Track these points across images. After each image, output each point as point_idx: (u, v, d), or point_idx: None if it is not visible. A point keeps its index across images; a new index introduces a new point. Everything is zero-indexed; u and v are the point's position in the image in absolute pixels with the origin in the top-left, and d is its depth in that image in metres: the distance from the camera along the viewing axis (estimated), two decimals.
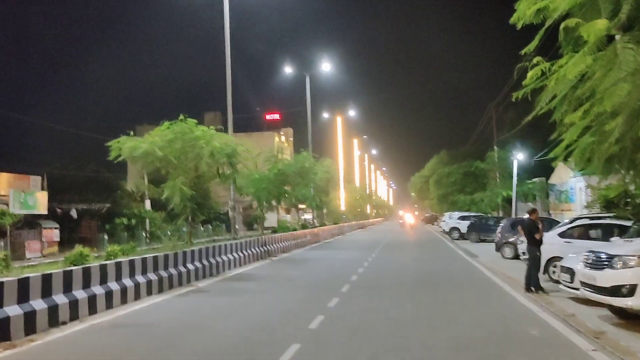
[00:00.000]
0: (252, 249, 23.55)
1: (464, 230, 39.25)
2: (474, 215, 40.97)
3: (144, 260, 13.99)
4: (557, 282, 15.26)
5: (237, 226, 63.21)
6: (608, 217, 20.66)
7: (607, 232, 15.76)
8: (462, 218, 41.61)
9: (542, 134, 44.29)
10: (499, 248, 24.58)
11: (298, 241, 32.84)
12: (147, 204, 46.36)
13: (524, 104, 43.04)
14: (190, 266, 16.64)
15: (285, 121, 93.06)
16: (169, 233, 42.48)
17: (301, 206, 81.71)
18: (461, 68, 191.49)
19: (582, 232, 16.49)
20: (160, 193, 18.71)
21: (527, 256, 21.57)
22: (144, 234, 42.48)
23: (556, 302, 12.27)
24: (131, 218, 43.35)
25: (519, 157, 33.99)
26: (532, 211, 14.70)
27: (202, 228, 56.08)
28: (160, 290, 14.45)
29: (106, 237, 36.40)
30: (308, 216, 76.60)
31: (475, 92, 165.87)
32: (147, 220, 45.24)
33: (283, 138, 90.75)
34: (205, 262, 17.87)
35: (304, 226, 44.65)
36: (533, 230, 14.19)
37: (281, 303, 13.04)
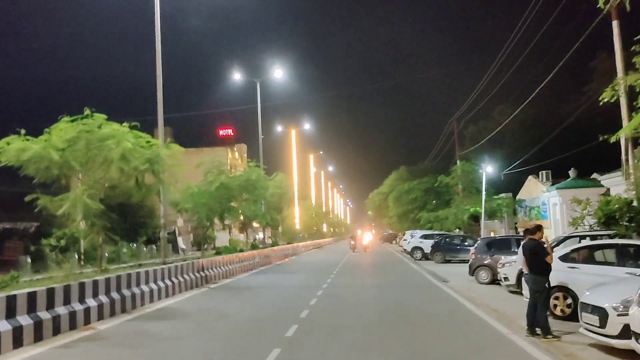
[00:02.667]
0: (185, 276, 19.69)
1: (427, 250, 36.30)
2: (438, 234, 37.98)
3: (10, 300, 10.07)
4: (561, 317, 12.07)
5: (183, 247, 58.90)
6: (605, 235, 17.76)
7: (622, 255, 12.62)
8: (425, 237, 38.62)
9: (504, 150, 41.95)
10: (473, 271, 21.42)
11: (245, 264, 29.03)
12: (81, 222, 41.73)
13: (483, 120, 39.96)
14: (91, 302, 12.75)
15: (239, 137, 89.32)
16: (106, 255, 38.29)
17: (255, 225, 78.01)
18: (420, 83, 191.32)
19: (588, 254, 13.33)
20: (57, 207, 14.70)
21: (509, 282, 18.57)
22: (76, 256, 37.95)
23: (578, 353, 8.95)
24: (61, 238, 38.82)
25: (488, 169, 31.27)
26: (536, 229, 11.33)
27: (145, 249, 51.68)
28: (38, 339, 10.54)
29: (29, 260, 31.98)
30: (261, 235, 72.83)
31: (434, 108, 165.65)
32: (82, 241, 40.71)
33: (237, 154, 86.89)
34: (115, 294, 13.99)
35: (254, 246, 40.85)
36: (540, 253, 10.85)
37: (204, 357, 9.35)
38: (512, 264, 17.71)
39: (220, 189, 26.22)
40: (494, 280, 20.41)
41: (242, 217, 36.10)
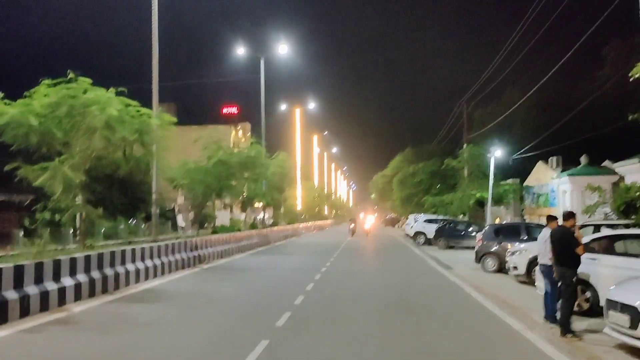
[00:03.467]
0: (177, 255, 18.71)
1: (430, 235, 35.27)
2: (442, 219, 36.91)
3: None
4: (578, 313, 11.03)
5: (183, 224, 57.99)
6: (621, 224, 16.71)
7: None
8: (429, 221, 37.55)
9: (513, 135, 40.69)
10: (479, 259, 20.37)
11: (241, 244, 28.08)
12: (79, 196, 40.87)
13: (492, 103, 38.42)
14: (67, 281, 11.76)
15: (243, 116, 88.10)
16: (102, 231, 37.44)
17: (257, 205, 77.01)
18: (429, 64, 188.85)
19: (608, 245, 12.24)
20: (36, 177, 13.67)
21: (518, 271, 17.52)
22: (71, 231, 37.07)
23: (604, 356, 7.92)
24: (56, 212, 37.91)
25: (497, 154, 30.10)
26: (569, 216, 10.19)
27: (143, 226, 50.88)
28: (2, 321, 9.57)
29: (22, 234, 31.10)
30: (265, 215, 71.88)
31: (443, 89, 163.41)
32: (78, 215, 39.79)
33: (241, 133, 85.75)
34: (96, 273, 13.01)
35: (253, 226, 39.95)
36: (570, 242, 9.77)
37: (182, 348, 8.35)
38: (522, 252, 16.70)
39: (218, 165, 25.15)
40: (501, 269, 19.42)
41: (242, 196, 35.04)
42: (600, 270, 10.99)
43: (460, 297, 13.66)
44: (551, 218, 10.85)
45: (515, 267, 16.83)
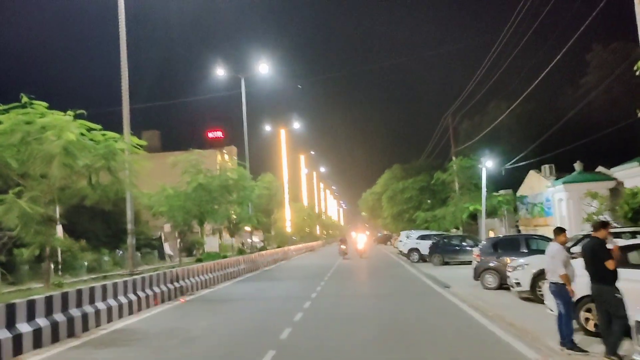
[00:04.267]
0: (155, 288, 17.39)
1: (424, 251, 34.18)
2: (436, 234, 35.83)
3: None
4: (594, 333, 9.90)
5: (170, 253, 56.54)
6: (628, 232, 15.69)
7: None
8: (422, 237, 36.45)
9: (501, 146, 39.97)
10: (478, 275, 19.23)
11: (228, 271, 26.75)
12: (59, 230, 39.48)
13: (478, 115, 37.94)
14: (23, 327, 10.46)
15: (229, 140, 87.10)
16: (85, 264, 36.04)
17: (247, 229, 75.59)
18: (414, 79, 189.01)
19: (621, 256, 11.15)
20: None
21: (521, 287, 16.35)
22: (52, 267, 35.54)
23: None
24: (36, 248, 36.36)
25: (488, 164, 29.14)
26: (602, 225, 9.07)
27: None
28: None
29: None
30: (255, 239, 70.36)
31: (429, 104, 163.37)
32: (59, 250, 38.39)
33: (227, 157, 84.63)
34: (60, 316, 11.71)
35: (241, 251, 38.62)
36: (603, 255, 8.65)
37: None
38: (525, 266, 15.61)
39: (198, 190, 23.94)
40: (502, 285, 18.30)
41: (228, 221, 33.76)
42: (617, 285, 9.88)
43: (464, 322, 12.47)
44: (559, 230, 9.80)
45: (517, 283, 15.72)
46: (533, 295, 15.16)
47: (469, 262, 27.35)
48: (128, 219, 19.17)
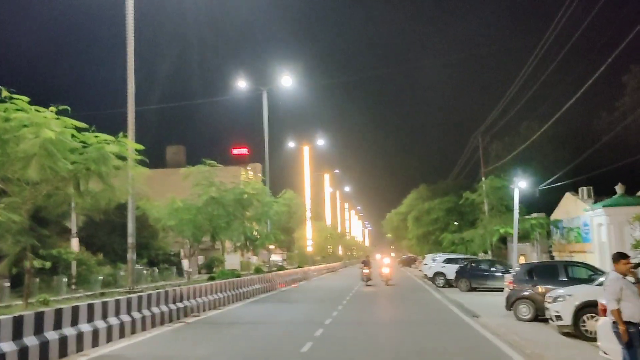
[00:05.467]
0: (154, 308, 15.86)
1: (450, 275, 32.29)
2: (463, 258, 33.87)
3: None
4: None
5: (189, 270, 55.20)
6: None
7: None
8: (448, 261, 34.53)
9: (532, 169, 38.08)
10: (511, 305, 17.32)
11: (241, 291, 25.16)
12: (74, 242, 38.55)
13: (508, 136, 36.20)
14: None
15: (254, 157, 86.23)
16: (100, 278, 34.88)
17: (270, 247, 74.10)
18: (444, 98, 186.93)
19: None
20: None
21: (562, 321, 14.44)
22: (65, 280, 34.44)
23: None
24: (46, 260, 35.33)
25: (521, 184, 27.26)
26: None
27: (145, 271, 48.34)
28: None
29: (7, 284, 28.56)
30: (277, 257, 68.80)
31: (457, 123, 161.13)
32: (74, 263, 37.36)
33: (252, 174, 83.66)
34: (32, 339, 10.20)
35: (258, 270, 37.05)
36: None
37: None
38: (566, 297, 13.78)
39: (210, 203, 22.46)
40: (537, 317, 16.42)
41: (245, 238, 32.20)
42: None
43: None
44: (619, 257, 7.99)
45: (558, 317, 13.87)
46: (576, 331, 13.34)
47: (499, 289, 25.55)
48: (129, 232, 17.80)
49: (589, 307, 13.33)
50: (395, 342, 13.19)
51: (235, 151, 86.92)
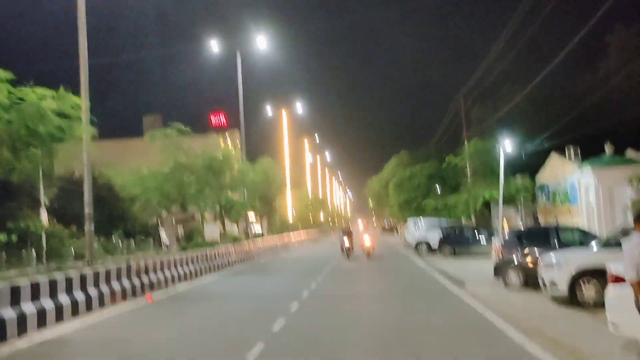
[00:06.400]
0: (114, 283, 14.54)
1: (433, 242, 31.40)
2: (446, 224, 32.95)
3: None
4: None
5: (167, 241, 53.88)
6: None
7: None
8: (432, 227, 33.60)
9: (514, 132, 37.01)
10: (499, 271, 16.25)
11: (216, 263, 23.94)
12: (43, 214, 36.96)
13: (490, 100, 34.93)
14: None
15: (233, 124, 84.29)
16: (72, 251, 33.41)
17: (251, 216, 72.64)
18: (422, 62, 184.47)
19: None
20: None
21: (557, 289, 13.31)
22: (34, 254, 32.90)
23: None
24: (11, 233, 33.76)
25: (507, 146, 26.19)
26: None
27: (120, 244, 46.95)
28: None
29: None
30: (258, 227, 67.49)
31: (439, 87, 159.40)
32: (44, 236, 35.83)
33: (230, 142, 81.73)
34: None
35: (236, 240, 35.84)
36: None
37: None
38: (562, 264, 12.67)
39: (179, 170, 20.99)
40: (526, 283, 15.39)
41: (219, 206, 30.84)
42: None
43: (493, 338, 9.47)
44: None
45: (553, 284, 12.78)
46: (572, 300, 12.28)
47: (483, 255, 24.63)
48: (85, 201, 16.38)
49: (586, 274, 12.30)
50: (376, 318, 12.02)
51: (214, 119, 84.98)
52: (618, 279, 7.72)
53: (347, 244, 28.99)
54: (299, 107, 62.13)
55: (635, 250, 6.32)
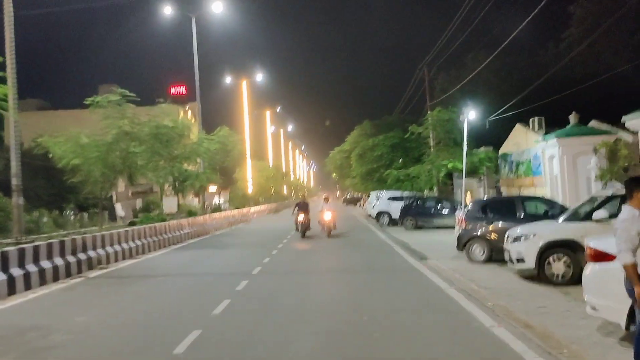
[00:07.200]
0: (43, 262, 13.12)
1: (395, 214, 30.73)
2: (409, 196, 32.14)
3: None
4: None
5: (122, 214, 52.03)
6: None
7: None
8: (393, 199, 32.87)
9: (478, 101, 36.26)
10: (463, 245, 15.38)
11: (167, 237, 22.60)
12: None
13: (454, 69, 33.91)
14: None
15: (193, 96, 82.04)
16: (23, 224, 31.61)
17: (212, 189, 70.91)
18: (387, 29, 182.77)
19: None
20: None
21: (525, 264, 12.42)
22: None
23: None
24: None
25: (471, 116, 25.31)
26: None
27: (72, 217, 45.01)
28: None
29: None
30: (220, 200, 65.86)
31: (403, 57, 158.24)
32: None
33: (190, 113, 79.53)
34: None
35: (191, 213, 34.46)
36: None
37: None
38: (529, 237, 11.83)
39: (123, 139, 19.44)
40: (490, 257, 14.60)
41: (172, 178, 29.32)
42: None
43: (458, 321, 8.50)
44: (635, 184, 5.69)
45: (520, 259, 11.94)
46: (541, 275, 11.46)
47: (446, 227, 23.88)
48: (12, 171, 14.80)
49: (555, 247, 11.47)
50: (331, 294, 11.00)
51: (173, 90, 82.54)
52: (598, 257, 6.78)
53: (301, 218, 24.81)
54: (261, 77, 60.44)
55: (631, 227, 5.32)
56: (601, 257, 6.68)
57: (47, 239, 15.46)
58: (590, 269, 7.04)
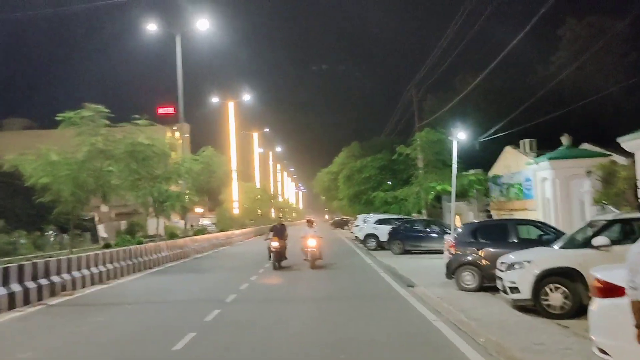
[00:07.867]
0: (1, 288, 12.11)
1: (383, 237, 29.71)
2: (397, 218, 31.22)
3: None
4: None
5: (105, 235, 50.62)
6: None
7: None
8: (381, 222, 31.90)
9: (467, 123, 35.74)
10: (452, 272, 14.45)
11: (142, 260, 21.53)
12: None
13: (441, 91, 32.92)
14: None
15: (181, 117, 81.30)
16: None
17: (198, 210, 69.62)
18: (377, 52, 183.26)
19: None
20: None
21: (519, 294, 11.44)
22: None
23: None
24: None
25: (461, 136, 24.61)
26: None
27: (51, 238, 43.60)
28: None
29: None
30: (207, 221, 64.63)
31: (391, 80, 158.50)
32: None
33: (177, 134, 78.65)
34: None
35: (172, 235, 33.43)
36: None
37: None
38: (524, 264, 10.95)
39: (97, 157, 18.46)
40: (482, 286, 13.69)
41: (152, 198, 28.24)
42: None
43: (445, 358, 7.58)
44: None
45: (514, 288, 11.02)
46: (536, 306, 10.55)
47: (435, 252, 22.97)
48: None
49: (553, 276, 10.58)
50: (306, 329, 10.00)
51: (161, 110, 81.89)
52: (609, 291, 5.89)
53: (275, 244, 20.94)
54: (248, 98, 59.78)
55: None
56: (612, 291, 5.79)
57: (5, 263, 14.37)
58: (597, 305, 6.15)
